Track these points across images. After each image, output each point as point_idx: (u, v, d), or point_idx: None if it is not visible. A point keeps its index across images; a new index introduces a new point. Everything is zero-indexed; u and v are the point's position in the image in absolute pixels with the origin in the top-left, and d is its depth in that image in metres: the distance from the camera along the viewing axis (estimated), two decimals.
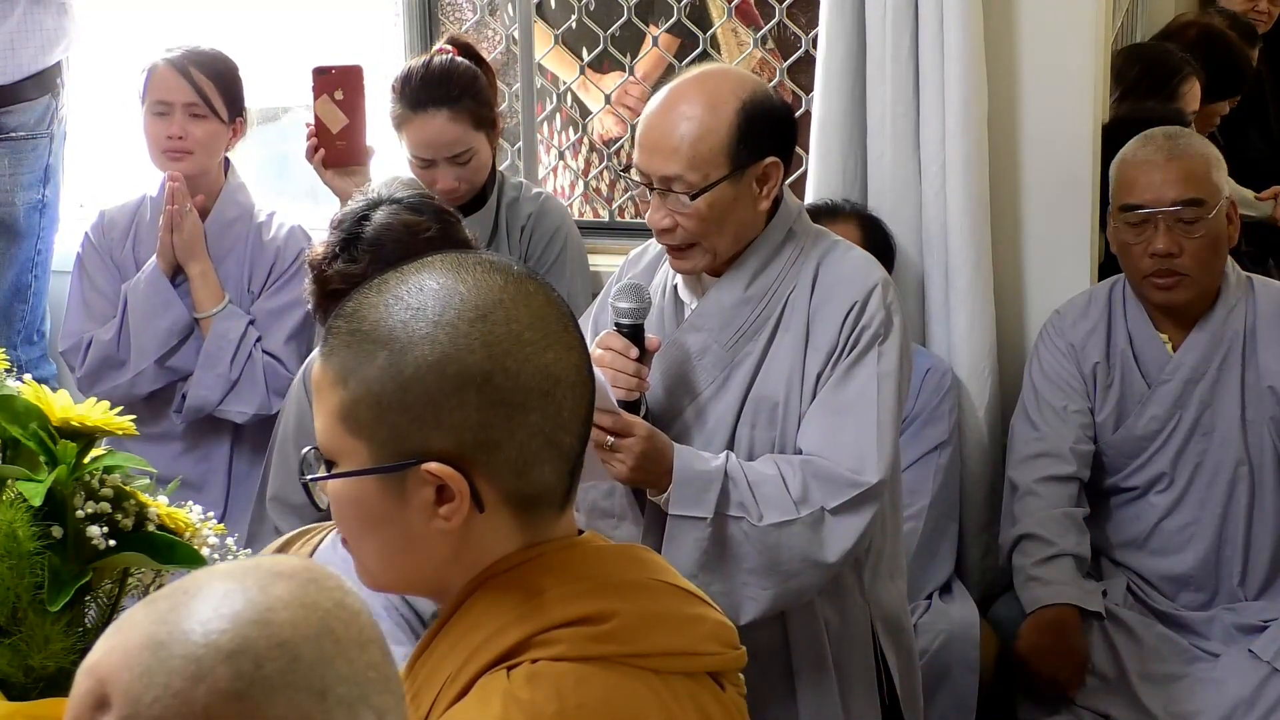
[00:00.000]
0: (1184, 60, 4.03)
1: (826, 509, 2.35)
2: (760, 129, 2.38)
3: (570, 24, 4.18)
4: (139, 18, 4.11)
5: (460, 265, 1.38)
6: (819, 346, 2.41)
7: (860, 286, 2.42)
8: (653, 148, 2.38)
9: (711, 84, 2.39)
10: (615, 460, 2.31)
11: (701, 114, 2.35)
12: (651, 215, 2.39)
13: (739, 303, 2.44)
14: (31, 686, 1.53)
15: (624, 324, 2.36)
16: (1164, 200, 3.00)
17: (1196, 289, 3.05)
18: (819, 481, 2.35)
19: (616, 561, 1.41)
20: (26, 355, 3.78)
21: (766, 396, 2.42)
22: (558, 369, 1.35)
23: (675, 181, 2.36)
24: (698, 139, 2.35)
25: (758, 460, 2.39)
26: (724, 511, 2.33)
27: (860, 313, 2.40)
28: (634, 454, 2.30)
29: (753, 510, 2.34)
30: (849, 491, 2.35)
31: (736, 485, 2.34)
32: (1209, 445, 3.07)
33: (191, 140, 3.30)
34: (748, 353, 2.44)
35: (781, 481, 2.35)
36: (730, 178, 2.36)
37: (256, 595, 1.03)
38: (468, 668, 1.32)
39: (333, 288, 2.30)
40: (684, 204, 2.36)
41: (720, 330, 2.45)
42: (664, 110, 2.38)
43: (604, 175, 4.29)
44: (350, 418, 1.34)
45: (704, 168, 2.35)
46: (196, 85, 3.30)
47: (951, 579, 3.20)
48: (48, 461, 1.57)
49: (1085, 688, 2.98)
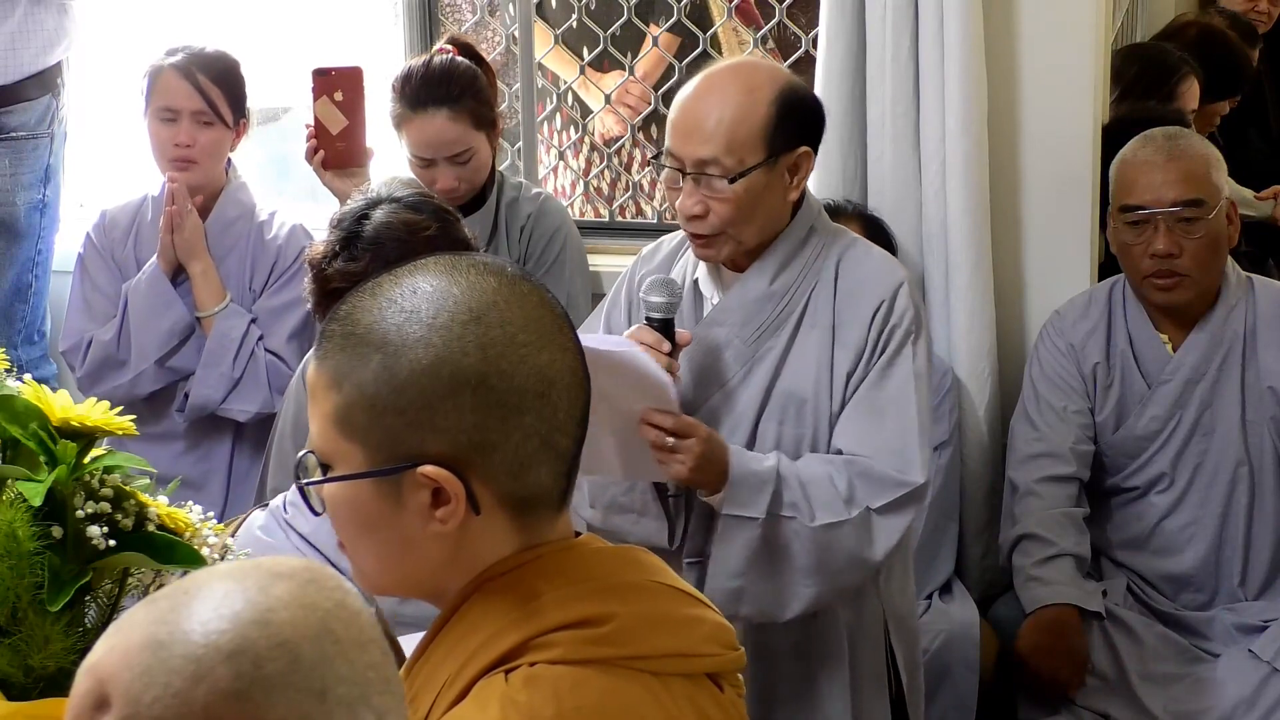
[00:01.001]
0: (1182, 59, 4.04)
1: (872, 508, 2.36)
2: (796, 117, 2.38)
3: (571, 23, 4.18)
4: (139, 18, 4.11)
5: (454, 267, 1.37)
6: (847, 344, 2.41)
7: (886, 284, 2.43)
8: (689, 131, 2.36)
9: (747, 71, 2.40)
10: (675, 461, 2.30)
11: (740, 98, 2.35)
12: (683, 202, 2.37)
13: (762, 298, 2.44)
14: (31, 686, 1.52)
15: (655, 318, 2.35)
16: (1164, 201, 3.00)
17: (1196, 289, 3.05)
18: (864, 481, 2.36)
19: (614, 563, 1.41)
20: (27, 355, 3.78)
21: (793, 392, 2.42)
22: (552, 370, 1.35)
23: (711, 165, 2.34)
24: (736, 122, 2.34)
25: (802, 459, 2.40)
26: (776, 512, 2.33)
27: (889, 311, 2.41)
28: (694, 455, 2.29)
29: (805, 511, 2.34)
30: (895, 491, 2.36)
31: (789, 486, 2.34)
32: (1209, 445, 3.07)
33: (198, 148, 3.30)
34: (769, 347, 2.44)
35: (830, 482, 2.36)
36: (765, 164, 2.35)
37: (257, 595, 1.03)
38: (465, 671, 1.32)
39: (333, 286, 2.30)
40: (719, 189, 2.34)
41: (743, 325, 2.45)
42: (700, 94, 2.37)
43: (605, 175, 4.29)
44: (345, 421, 1.34)
45: (740, 151, 2.34)
46: (204, 92, 3.29)
47: (951, 579, 3.20)
48: (48, 461, 1.57)
49: (1085, 688, 2.98)
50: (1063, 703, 2.98)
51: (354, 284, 2.27)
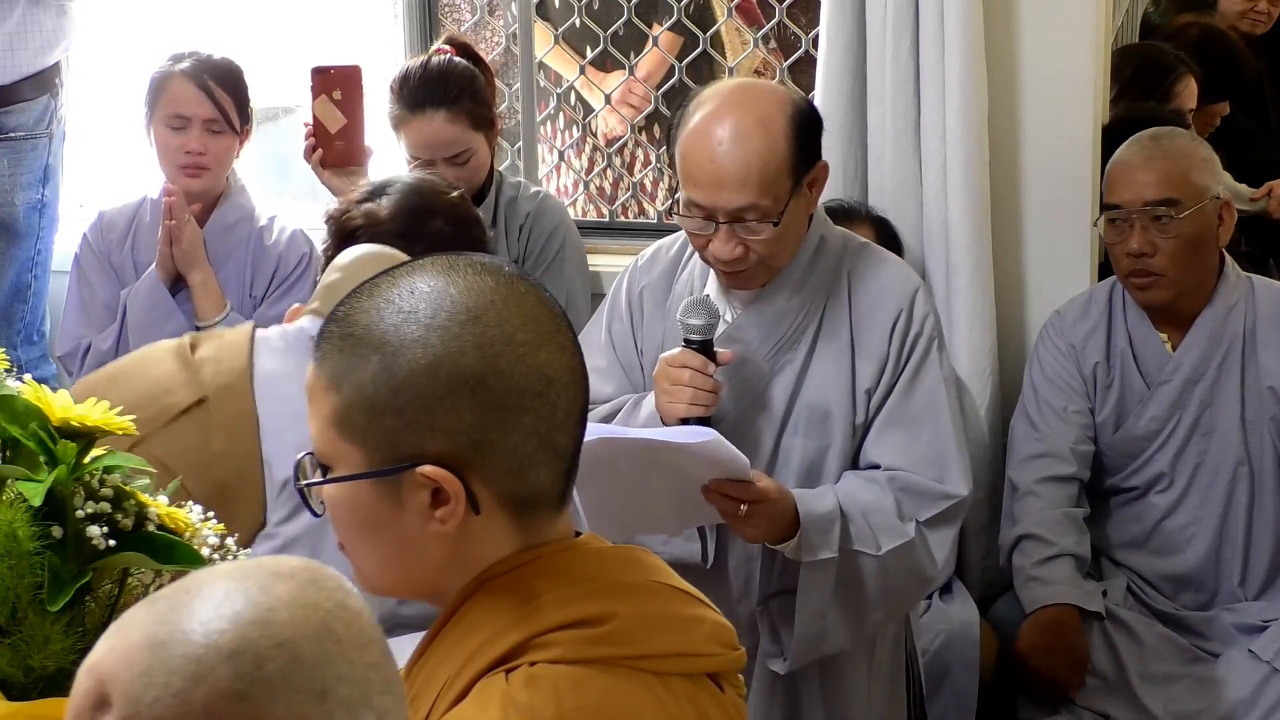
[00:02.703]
0: (1177, 59, 4.04)
1: (920, 522, 2.35)
2: (809, 135, 2.35)
3: (572, 23, 4.18)
4: (139, 18, 4.10)
5: (451, 267, 1.37)
6: (868, 355, 2.40)
7: (903, 293, 2.42)
8: (717, 183, 2.29)
9: (750, 102, 2.32)
10: (750, 527, 2.27)
11: (760, 137, 2.28)
12: (719, 248, 2.31)
13: (780, 314, 2.42)
14: (31, 686, 1.52)
15: (695, 339, 2.31)
16: (1138, 201, 3.02)
17: (1175, 289, 3.05)
18: (908, 496, 2.36)
19: (615, 563, 1.41)
20: (26, 355, 3.77)
21: (815, 405, 2.41)
22: (551, 370, 1.35)
23: (749, 211, 2.29)
24: (764, 163, 2.28)
25: (845, 482, 2.38)
26: (847, 547, 2.32)
27: (909, 319, 2.40)
28: (769, 518, 2.27)
29: (870, 541, 2.33)
30: (941, 504, 2.36)
31: (853, 520, 2.33)
32: (1209, 445, 3.07)
33: (210, 156, 3.29)
34: (787, 361, 2.42)
35: (882, 504, 2.35)
36: (795, 191, 2.32)
37: (257, 595, 1.03)
38: (466, 671, 1.32)
39: (353, 225, 2.36)
40: (759, 231, 2.30)
41: (761, 342, 2.42)
42: (716, 142, 2.29)
43: (606, 175, 4.29)
44: (344, 422, 1.34)
45: (774, 190, 2.29)
46: (216, 100, 3.28)
47: (951, 579, 3.20)
48: (48, 461, 1.56)
49: (1085, 688, 2.98)
50: (1063, 703, 2.98)
51: (374, 227, 2.35)
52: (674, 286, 2.51)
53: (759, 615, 2.41)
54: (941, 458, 2.37)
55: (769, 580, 2.41)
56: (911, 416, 2.38)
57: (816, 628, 2.34)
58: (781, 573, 2.38)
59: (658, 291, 2.52)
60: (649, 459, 2.23)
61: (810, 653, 2.37)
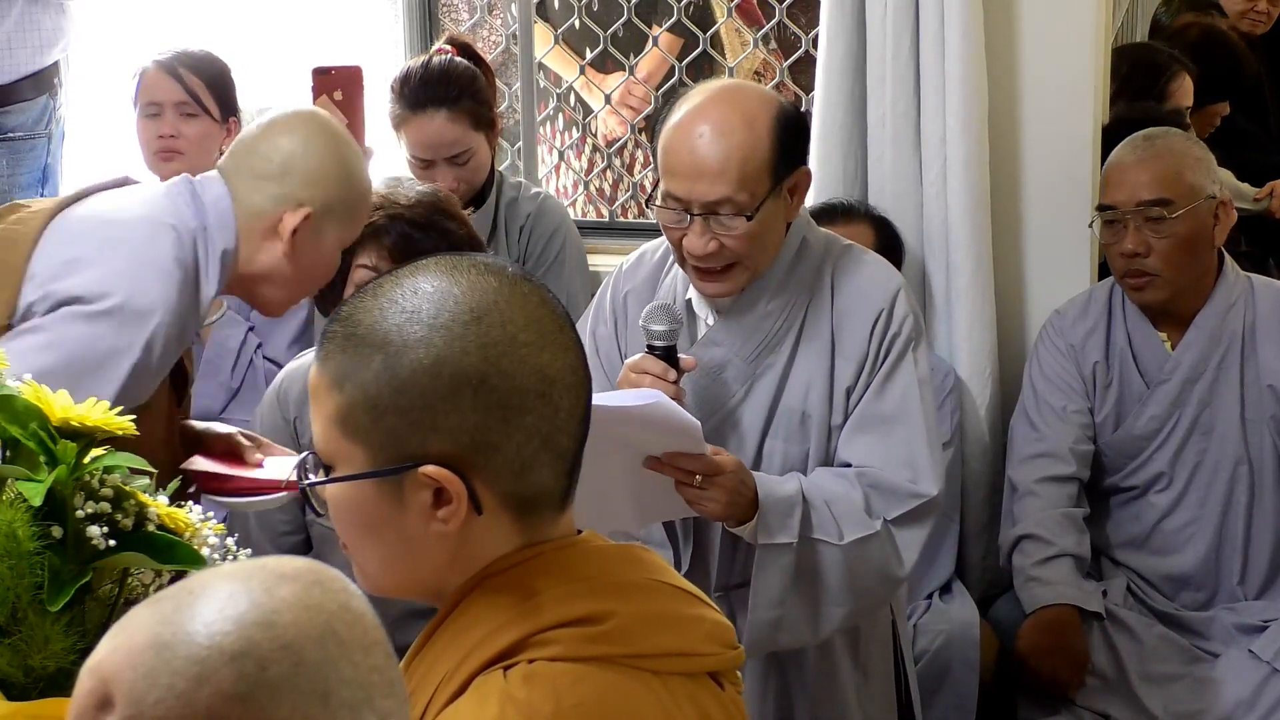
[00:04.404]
0: (1172, 58, 4.04)
1: (888, 520, 2.34)
2: (793, 139, 2.35)
3: (572, 23, 4.18)
4: (137, 18, 4.10)
5: (455, 268, 1.37)
6: (848, 356, 2.39)
7: (884, 293, 2.40)
8: (694, 173, 2.29)
9: (738, 100, 2.33)
10: (707, 500, 2.25)
11: (742, 134, 2.28)
12: (693, 241, 2.31)
13: (761, 317, 2.41)
14: (31, 686, 1.52)
15: (658, 345, 2.30)
16: (1130, 201, 3.02)
17: (1170, 289, 3.05)
18: (877, 493, 2.34)
19: (615, 561, 1.41)
20: None
21: (796, 408, 2.40)
22: (553, 370, 1.35)
23: (724, 204, 2.28)
24: (744, 158, 2.28)
25: (814, 475, 2.37)
26: (808, 535, 2.31)
27: (888, 320, 2.38)
28: (727, 490, 2.25)
29: (833, 530, 2.32)
30: (910, 502, 2.35)
31: (815, 507, 2.32)
32: (1208, 444, 3.08)
33: (184, 140, 3.29)
34: (769, 364, 2.41)
35: (849, 496, 2.34)
36: (773, 192, 2.31)
37: (261, 597, 1.03)
38: (464, 667, 1.32)
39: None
40: (732, 226, 2.29)
41: (742, 345, 2.41)
42: (697, 134, 2.29)
43: (606, 175, 4.29)
44: (347, 422, 1.34)
45: (751, 186, 2.28)
46: (186, 85, 3.30)
47: (951, 579, 3.20)
48: (48, 461, 1.56)
49: (1085, 688, 2.98)
50: (1063, 703, 2.98)
51: (392, 208, 2.46)
52: (657, 291, 2.49)
53: (718, 603, 2.39)
54: (913, 458, 2.36)
55: (729, 569, 2.40)
56: (885, 416, 2.37)
57: (773, 615, 2.32)
58: (746, 563, 2.36)
59: (642, 296, 2.51)
60: (597, 433, 2.22)
61: (767, 642, 2.35)
